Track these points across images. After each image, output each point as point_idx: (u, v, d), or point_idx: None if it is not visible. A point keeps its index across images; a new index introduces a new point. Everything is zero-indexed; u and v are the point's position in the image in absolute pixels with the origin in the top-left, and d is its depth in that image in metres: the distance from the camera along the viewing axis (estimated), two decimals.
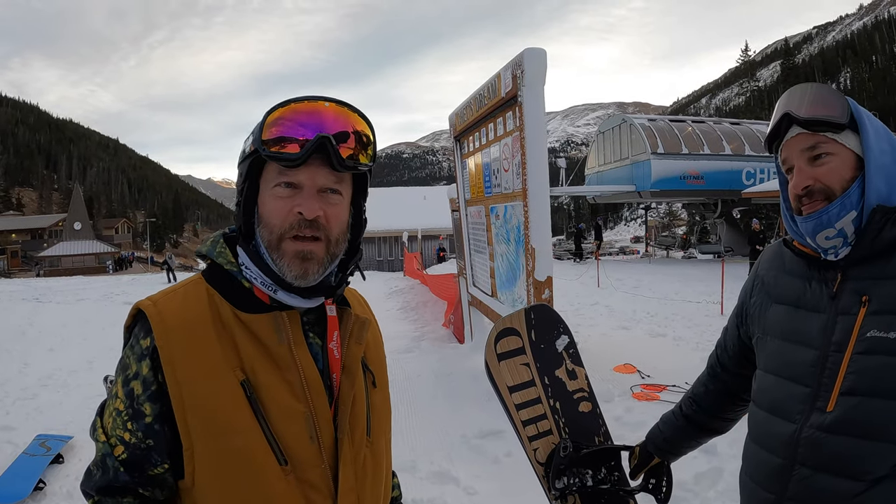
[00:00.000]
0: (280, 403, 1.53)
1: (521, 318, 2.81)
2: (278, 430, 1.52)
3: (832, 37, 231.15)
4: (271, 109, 1.56)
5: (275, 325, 1.57)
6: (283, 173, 1.55)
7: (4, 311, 22.26)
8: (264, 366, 1.54)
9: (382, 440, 1.81)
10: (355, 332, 1.73)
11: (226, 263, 1.63)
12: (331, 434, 1.59)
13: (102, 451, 1.55)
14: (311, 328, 1.66)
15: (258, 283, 1.60)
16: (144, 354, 1.53)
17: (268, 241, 1.58)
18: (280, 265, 1.57)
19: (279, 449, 1.51)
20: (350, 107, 1.60)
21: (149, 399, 1.51)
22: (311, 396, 1.56)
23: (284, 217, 1.55)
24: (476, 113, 9.20)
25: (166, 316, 1.55)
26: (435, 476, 5.99)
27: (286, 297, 1.59)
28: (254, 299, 1.60)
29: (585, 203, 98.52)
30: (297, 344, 1.58)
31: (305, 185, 1.55)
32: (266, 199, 1.58)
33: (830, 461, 1.75)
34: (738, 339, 2.23)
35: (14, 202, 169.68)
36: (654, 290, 19.34)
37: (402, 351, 12.05)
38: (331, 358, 1.66)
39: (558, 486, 2.55)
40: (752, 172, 32.40)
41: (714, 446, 5.61)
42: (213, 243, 1.69)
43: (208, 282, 1.64)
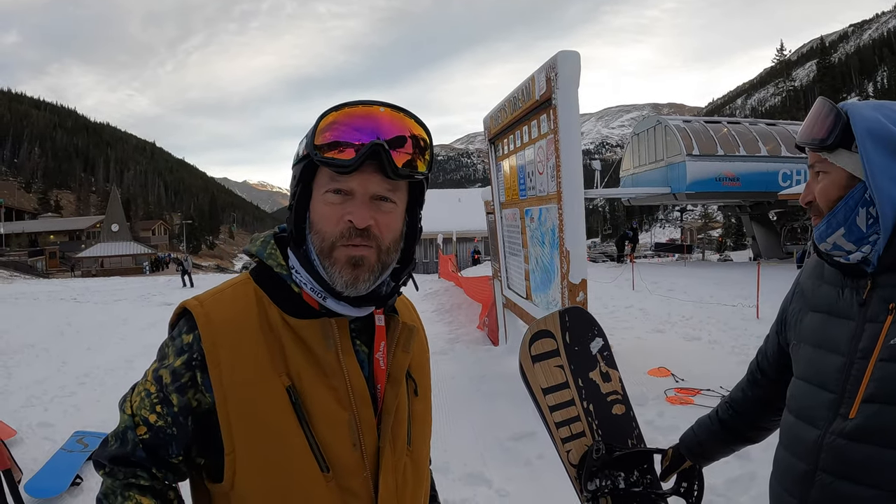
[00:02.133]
0: (324, 410, 1.52)
1: (556, 320, 2.82)
2: (322, 436, 1.51)
3: (868, 35, 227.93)
4: (325, 113, 1.52)
5: (323, 331, 1.55)
6: (334, 179, 1.52)
7: (43, 310, 22.62)
8: (310, 372, 1.53)
9: (424, 449, 1.80)
10: (402, 340, 1.70)
11: (276, 266, 1.61)
12: (374, 442, 1.58)
13: (126, 423, 1.56)
14: (358, 335, 1.64)
15: (307, 289, 1.57)
16: (184, 350, 1.53)
17: (319, 248, 1.55)
18: (331, 273, 1.54)
19: (322, 456, 1.51)
20: (406, 112, 1.56)
21: (177, 391, 1.52)
22: (355, 404, 1.55)
23: (335, 224, 1.52)
24: (510, 116, 9.21)
25: (213, 317, 1.54)
26: (468, 477, 6.01)
27: (335, 305, 1.57)
28: (303, 304, 1.58)
29: (621, 205, 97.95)
30: (344, 352, 1.57)
31: (357, 192, 1.52)
32: (317, 205, 1.55)
33: (851, 468, 1.75)
34: (777, 346, 2.24)
35: (52, 204, 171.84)
36: (689, 294, 19.18)
37: (436, 353, 12.05)
38: (376, 367, 1.64)
39: (590, 487, 2.56)
40: (788, 174, 32.00)
41: (748, 452, 5.55)
42: (264, 243, 1.67)
43: (257, 282, 1.63)
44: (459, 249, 47.93)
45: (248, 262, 1.76)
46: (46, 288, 35.93)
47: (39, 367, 12.37)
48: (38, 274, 79.62)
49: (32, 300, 27.16)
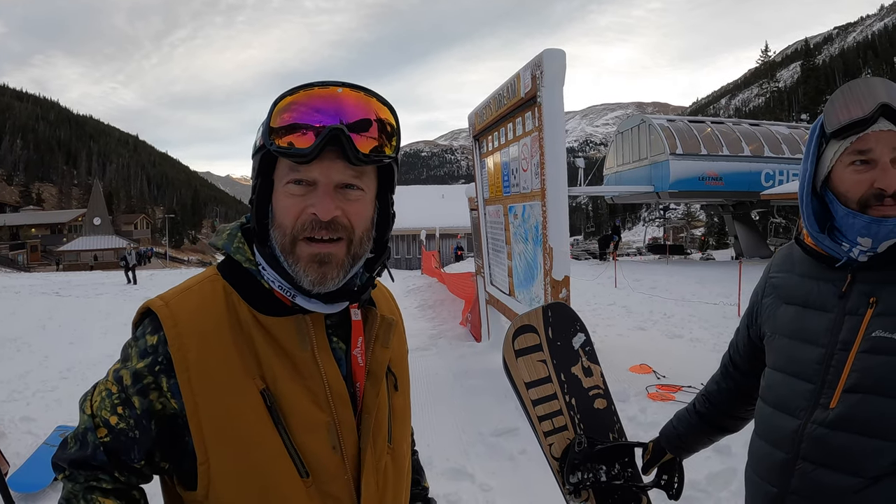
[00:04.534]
0: (302, 413, 1.45)
1: (539, 315, 2.84)
2: (300, 441, 1.45)
3: (853, 38, 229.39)
4: (281, 96, 1.42)
5: (297, 329, 1.48)
6: (294, 169, 1.43)
7: (25, 304, 22.47)
8: (285, 373, 1.45)
9: (404, 445, 1.74)
10: (381, 335, 1.63)
11: (244, 261, 1.52)
12: (354, 443, 1.52)
13: (86, 424, 1.47)
14: (334, 332, 1.57)
15: (276, 287, 1.49)
16: (149, 352, 1.44)
17: (280, 244, 1.47)
18: (295, 270, 1.45)
19: (300, 461, 1.44)
20: (369, 92, 1.46)
21: (138, 393, 1.43)
22: (334, 405, 1.49)
23: (296, 217, 1.44)
24: (495, 113, 9.22)
25: (180, 318, 1.45)
26: (451, 472, 6.03)
27: (305, 303, 1.49)
28: (275, 301, 1.50)
29: (604, 203, 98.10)
30: (321, 350, 1.50)
31: (320, 181, 1.43)
32: (279, 197, 1.47)
33: (832, 457, 1.78)
34: (748, 339, 2.26)
35: (34, 197, 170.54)
36: (672, 292, 19.28)
37: (419, 349, 12.08)
38: (354, 364, 1.57)
39: (572, 480, 2.58)
40: (771, 174, 32.20)
41: (728, 447, 5.63)
42: (231, 236, 1.57)
43: (225, 278, 1.53)
44: (443, 246, 47.95)
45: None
46: (28, 282, 35.66)
47: (21, 361, 12.32)
48: (19, 267, 79.13)
49: (14, 294, 26.97)
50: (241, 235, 1.57)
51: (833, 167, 1.85)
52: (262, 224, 1.50)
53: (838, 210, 1.84)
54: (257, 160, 1.49)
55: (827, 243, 1.88)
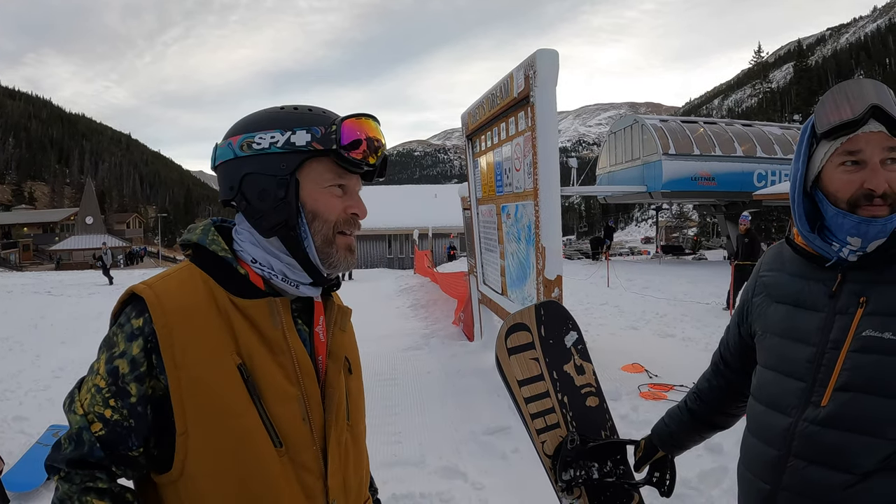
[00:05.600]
0: (275, 386, 1.58)
1: (532, 313, 2.85)
2: (273, 412, 1.56)
3: (845, 39, 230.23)
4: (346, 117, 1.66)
5: (270, 310, 1.61)
6: (340, 176, 1.67)
7: (17, 303, 22.39)
8: (260, 350, 1.58)
9: (360, 425, 1.88)
10: (339, 320, 1.81)
11: (220, 250, 1.66)
12: (320, 416, 1.65)
13: (79, 424, 1.53)
14: (298, 315, 1.72)
15: (279, 280, 1.67)
16: (136, 335, 1.53)
17: (323, 236, 1.67)
18: (336, 257, 1.68)
19: (274, 431, 1.56)
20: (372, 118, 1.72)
21: (136, 380, 1.52)
22: (303, 380, 1.62)
23: (339, 213, 1.67)
24: (488, 112, 9.24)
25: (164, 300, 1.55)
26: (443, 471, 6.05)
27: (307, 290, 1.71)
28: (249, 285, 1.64)
29: (597, 203, 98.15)
30: (289, 329, 1.63)
31: (353, 189, 1.71)
32: (320, 195, 1.66)
33: (823, 454, 1.80)
34: (738, 337, 2.28)
35: (26, 196, 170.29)
36: (664, 291, 19.35)
37: (412, 348, 12.11)
38: (316, 342, 1.72)
39: (565, 478, 2.59)
40: (763, 174, 32.29)
41: (720, 445, 5.66)
42: (205, 231, 1.71)
43: (201, 268, 1.66)
44: (435, 245, 47.92)
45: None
46: (20, 281, 35.52)
47: (13, 360, 12.28)
48: (11, 267, 78.90)
49: (6, 293, 26.87)
50: (215, 230, 1.72)
51: (823, 167, 1.87)
52: (293, 216, 1.66)
53: (828, 210, 1.86)
54: (296, 160, 1.64)
55: (817, 243, 1.90)
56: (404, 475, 5.94)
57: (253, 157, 1.65)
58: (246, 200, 1.66)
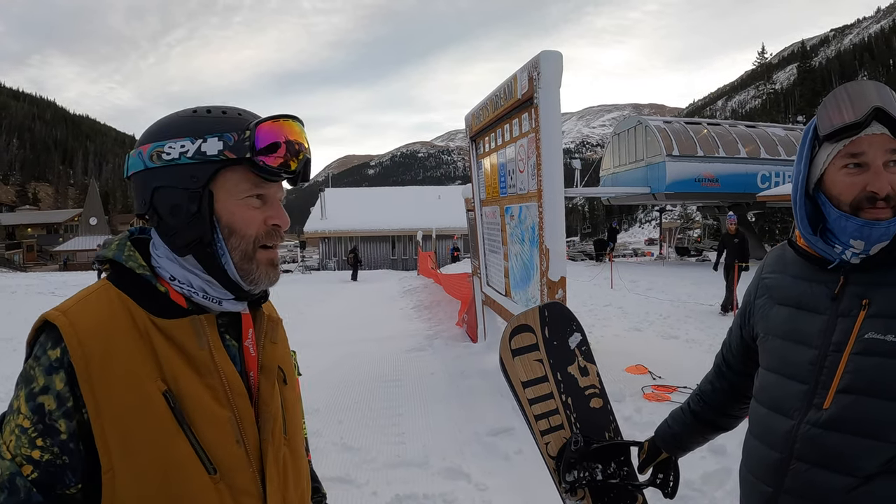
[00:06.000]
0: (204, 410, 1.47)
1: (536, 315, 2.86)
2: (204, 437, 1.46)
3: (849, 40, 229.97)
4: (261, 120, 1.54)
5: (194, 330, 1.51)
6: (258, 185, 1.55)
7: (21, 304, 22.41)
8: (185, 373, 1.47)
9: (298, 436, 1.78)
10: (269, 331, 1.71)
11: (137, 267, 1.54)
12: (255, 436, 1.55)
13: (9, 469, 1.38)
14: (226, 330, 1.61)
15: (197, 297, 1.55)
16: (55, 367, 1.40)
17: (242, 252, 1.55)
18: (256, 274, 1.57)
19: (207, 458, 1.46)
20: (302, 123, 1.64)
21: (64, 416, 1.39)
22: (234, 401, 1.52)
23: (258, 227, 1.56)
24: (492, 114, 9.25)
25: (79, 327, 1.44)
26: (447, 472, 6.05)
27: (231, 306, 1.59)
28: (170, 303, 1.53)
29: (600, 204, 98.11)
30: (216, 348, 1.53)
31: (273, 197, 1.60)
32: (237, 208, 1.55)
33: (825, 457, 1.80)
34: (740, 339, 2.28)
35: (30, 197, 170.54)
36: (668, 293, 19.32)
37: (415, 349, 12.12)
38: (247, 357, 1.62)
39: (568, 479, 2.59)
40: (767, 176, 32.26)
41: (723, 447, 5.66)
42: (120, 247, 1.59)
43: (119, 287, 1.54)
44: (439, 247, 47.94)
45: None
46: (24, 281, 35.56)
47: (17, 360, 12.16)
48: (15, 267, 78.96)
49: (10, 293, 26.91)
50: (131, 245, 1.60)
51: (826, 170, 1.86)
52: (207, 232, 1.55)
53: (831, 212, 1.85)
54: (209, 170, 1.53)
55: (820, 245, 1.89)
56: (408, 476, 5.95)
57: (163, 169, 1.54)
58: (158, 216, 1.56)
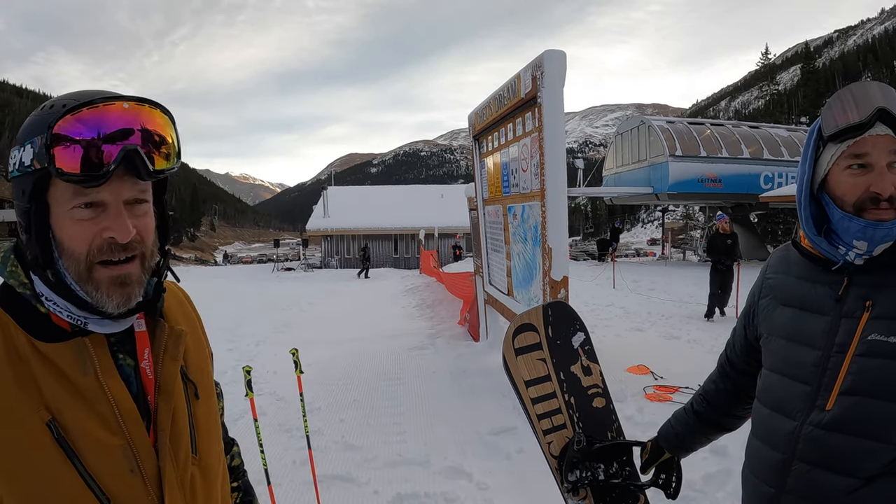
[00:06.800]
0: (93, 439, 1.36)
1: (539, 314, 2.85)
2: (94, 468, 1.35)
3: (853, 41, 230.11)
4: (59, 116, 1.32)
5: (77, 354, 1.38)
6: (80, 193, 1.34)
7: None
8: (70, 401, 1.35)
9: (212, 453, 1.65)
10: (170, 347, 1.56)
11: (18, 286, 1.42)
12: (153, 462, 1.44)
13: None
14: (119, 348, 1.48)
15: (64, 316, 1.40)
16: None
17: (76, 272, 1.38)
18: (97, 296, 1.38)
19: (99, 489, 1.35)
20: (145, 101, 1.40)
21: None
22: (126, 427, 1.40)
23: (90, 242, 1.36)
24: (495, 113, 9.24)
25: None
26: (448, 471, 6.06)
27: (98, 327, 1.42)
28: (51, 326, 1.40)
29: (603, 204, 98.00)
30: (105, 372, 1.40)
31: (111, 202, 1.36)
32: (63, 223, 1.37)
33: (827, 458, 1.80)
34: (744, 339, 2.27)
35: None
36: (670, 293, 19.32)
37: (417, 348, 12.13)
38: (144, 377, 1.50)
39: (571, 479, 2.59)
40: (770, 176, 32.22)
41: (724, 448, 5.65)
42: (3, 260, 1.47)
43: (1, 307, 1.41)
44: (441, 245, 47.92)
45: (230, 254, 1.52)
46: None
47: None
48: None
49: None
50: (15, 258, 1.46)
51: (830, 170, 1.86)
52: (45, 252, 1.39)
53: (834, 213, 1.85)
54: (30, 182, 1.37)
55: (824, 246, 1.89)
56: (409, 475, 5.96)
57: (11, 181, 1.43)
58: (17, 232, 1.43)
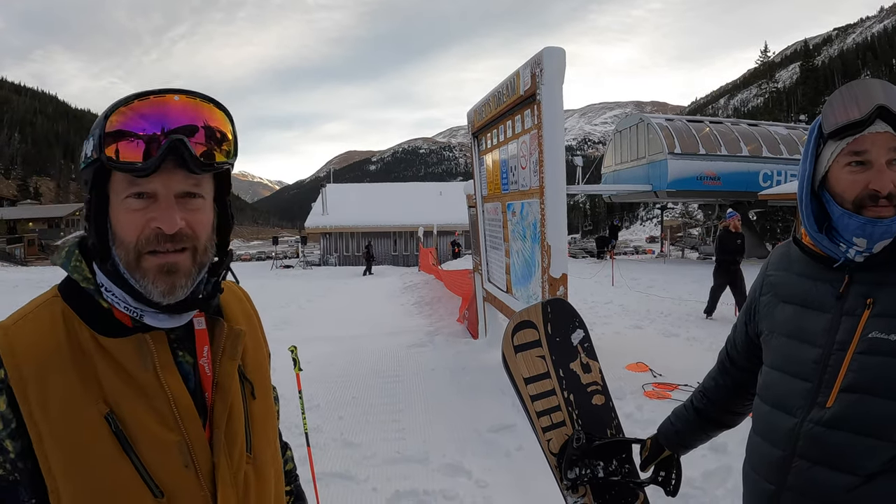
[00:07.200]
0: (149, 434, 1.39)
1: (539, 311, 2.85)
2: (149, 461, 1.39)
3: (852, 39, 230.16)
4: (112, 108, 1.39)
5: (138, 350, 1.42)
6: (133, 183, 1.38)
7: (22, 299, 22.35)
8: (129, 395, 1.39)
9: (267, 452, 1.68)
10: (228, 347, 1.58)
11: (82, 280, 1.46)
12: (208, 458, 1.47)
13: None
14: (179, 345, 1.51)
15: (121, 307, 1.43)
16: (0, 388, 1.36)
17: (125, 261, 1.41)
18: (144, 284, 1.40)
19: (153, 482, 1.38)
20: (203, 97, 1.45)
21: (9, 436, 1.35)
22: (183, 424, 1.43)
23: (139, 232, 1.39)
24: (494, 110, 9.24)
25: (17, 348, 1.38)
26: (447, 468, 6.06)
27: (154, 320, 1.44)
28: (114, 321, 1.44)
29: (602, 202, 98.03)
30: (164, 368, 1.44)
31: (161, 193, 1.39)
32: (118, 213, 1.41)
33: (827, 455, 1.80)
34: (745, 335, 2.27)
35: (32, 191, 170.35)
36: (669, 291, 19.32)
37: (416, 345, 12.13)
38: (203, 375, 1.53)
39: (570, 476, 2.59)
40: (769, 174, 32.24)
41: (724, 445, 5.65)
42: (68, 254, 1.50)
43: (65, 300, 1.46)
44: (440, 243, 47.95)
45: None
46: (25, 276, 35.53)
47: None
48: (16, 261, 78.96)
49: (12, 287, 26.92)
50: (80, 252, 1.50)
51: (830, 168, 1.86)
52: (102, 241, 1.44)
53: (835, 210, 1.86)
54: (90, 173, 1.43)
55: (825, 243, 1.89)
56: (408, 472, 5.95)
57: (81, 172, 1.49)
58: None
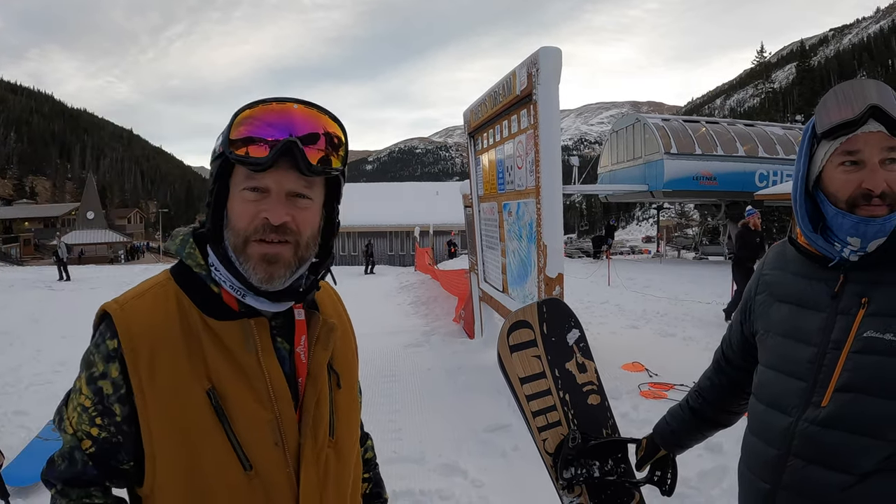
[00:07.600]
0: (246, 411, 1.54)
1: (534, 311, 2.86)
2: (243, 436, 1.53)
3: (848, 39, 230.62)
4: (240, 109, 1.54)
5: (243, 333, 1.57)
6: (250, 177, 1.53)
7: (17, 298, 22.37)
8: (231, 374, 1.54)
9: (349, 438, 1.80)
10: (322, 337, 1.71)
11: (195, 266, 1.62)
12: (295, 438, 1.60)
13: (70, 443, 1.57)
14: (279, 332, 1.65)
15: (227, 287, 1.59)
16: (112, 356, 1.53)
17: (234, 244, 1.57)
18: (246, 268, 1.55)
19: (244, 455, 1.52)
20: (321, 109, 1.59)
21: (118, 401, 1.52)
22: (277, 404, 1.57)
23: (250, 221, 1.54)
24: (491, 110, 9.24)
25: (132, 322, 1.54)
26: (443, 468, 6.05)
27: (254, 301, 1.59)
28: (222, 305, 1.59)
29: (598, 202, 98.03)
30: (264, 352, 1.58)
31: (273, 189, 1.53)
32: (234, 202, 1.57)
33: (822, 454, 1.80)
34: (741, 335, 2.27)
35: (28, 190, 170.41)
36: (665, 290, 19.33)
37: (412, 345, 12.12)
38: (297, 361, 1.66)
39: (566, 476, 2.59)
40: (765, 174, 32.29)
41: (719, 445, 5.66)
42: (183, 242, 1.66)
43: (178, 283, 1.62)
44: (436, 242, 47.92)
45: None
46: (21, 275, 35.49)
47: (13, 354, 12.19)
48: (12, 261, 78.89)
49: (7, 287, 26.87)
50: (193, 241, 1.66)
51: (823, 167, 1.87)
52: (217, 226, 1.60)
53: (828, 210, 1.87)
54: (216, 166, 1.58)
55: (820, 243, 1.90)
56: (404, 472, 5.94)
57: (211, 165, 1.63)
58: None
